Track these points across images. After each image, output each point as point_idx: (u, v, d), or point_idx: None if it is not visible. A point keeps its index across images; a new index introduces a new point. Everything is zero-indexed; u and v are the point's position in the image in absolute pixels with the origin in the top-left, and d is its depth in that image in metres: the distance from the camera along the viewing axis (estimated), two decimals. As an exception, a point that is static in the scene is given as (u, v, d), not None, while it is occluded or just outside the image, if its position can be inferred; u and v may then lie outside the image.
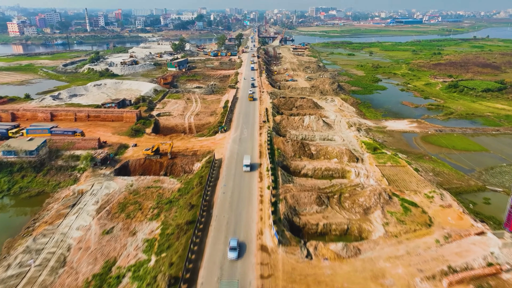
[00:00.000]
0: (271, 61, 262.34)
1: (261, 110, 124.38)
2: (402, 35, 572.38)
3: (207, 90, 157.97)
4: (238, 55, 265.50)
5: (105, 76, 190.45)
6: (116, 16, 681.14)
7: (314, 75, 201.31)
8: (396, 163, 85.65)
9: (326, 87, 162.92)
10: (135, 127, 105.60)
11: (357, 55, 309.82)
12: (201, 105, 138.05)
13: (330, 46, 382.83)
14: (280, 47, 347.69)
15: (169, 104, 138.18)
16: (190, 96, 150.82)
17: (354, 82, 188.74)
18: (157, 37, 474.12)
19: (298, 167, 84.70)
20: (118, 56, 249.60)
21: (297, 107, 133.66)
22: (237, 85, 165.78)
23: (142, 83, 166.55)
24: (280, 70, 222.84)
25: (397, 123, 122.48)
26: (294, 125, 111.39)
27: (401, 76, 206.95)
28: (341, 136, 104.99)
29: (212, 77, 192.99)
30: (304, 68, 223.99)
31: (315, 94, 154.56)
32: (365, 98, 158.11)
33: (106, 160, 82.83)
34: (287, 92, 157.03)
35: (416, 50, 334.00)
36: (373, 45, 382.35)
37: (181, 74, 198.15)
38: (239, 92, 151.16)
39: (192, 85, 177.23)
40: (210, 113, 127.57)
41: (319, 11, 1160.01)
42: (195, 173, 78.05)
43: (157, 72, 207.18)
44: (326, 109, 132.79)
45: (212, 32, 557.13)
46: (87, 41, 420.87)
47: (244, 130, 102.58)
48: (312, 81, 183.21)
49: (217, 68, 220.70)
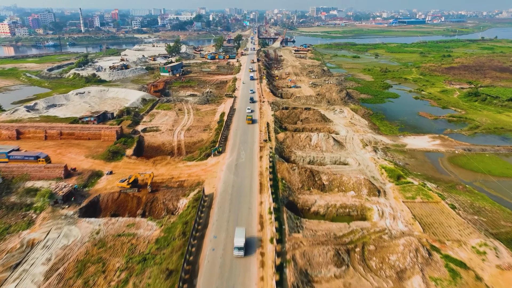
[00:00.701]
0: (271, 65, 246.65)
1: (262, 124, 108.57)
2: (406, 35, 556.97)
3: (202, 99, 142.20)
4: (237, 58, 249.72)
5: (92, 82, 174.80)
6: (112, 16, 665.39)
7: (318, 81, 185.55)
8: (427, 198, 69.91)
9: (333, 96, 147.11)
10: (113, 148, 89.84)
11: (362, 57, 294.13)
12: (194, 117, 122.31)
13: (333, 47, 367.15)
14: (281, 49, 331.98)
15: (157, 117, 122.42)
16: (182, 107, 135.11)
17: (362, 89, 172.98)
18: (154, 38, 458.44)
19: (307, 203, 69.03)
20: (108, 60, 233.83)
21: (302, 120, 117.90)
22: (235, 93, 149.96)
23: (129, 91, 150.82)
24: (281, 74, 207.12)
25: (418, 139, 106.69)
26: (300, 144, 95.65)
27: (413, 82, 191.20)
28: (355, 158, 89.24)
29: (208, 83, 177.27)
30: (307, 72, 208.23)
31: (322, 104, 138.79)
32: (376, 108, 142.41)
33: (70, 196, 67.13)
34: (291, 101, 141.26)
35: (424, 52, 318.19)
36: (378, 47, 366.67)
37: (174, 79, 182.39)
38: (236, 102, 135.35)
39: (185, 93, 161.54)
40: (203, 127, 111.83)
41: (319, 11, 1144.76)
42: (179, 215, 62.34)
43: (149, 77, 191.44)
44: (335, 123, 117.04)
45: (210, 32, 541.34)
46: (80, 43, 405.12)
47: (241, 152, 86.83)
48: (317, 88, 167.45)
49: (214, 72, 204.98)
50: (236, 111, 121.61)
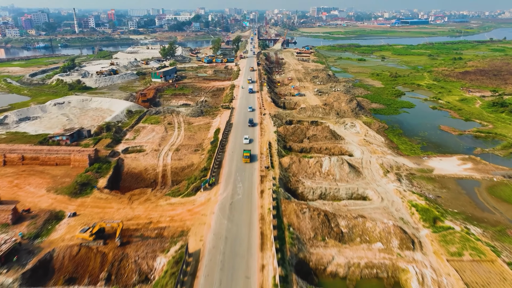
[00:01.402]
0: (273, 68, 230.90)
1: (262, 144, 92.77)
2: (410, 36, 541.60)
3: (195, 111, 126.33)
4: (236, 61, 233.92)
5: (76, 89, 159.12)
6: (109, 16, 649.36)
7: (324, 87, 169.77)
8: (477, 253, 54.15)
9: (342, 106, 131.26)
10: (83, 178, 74.03)
11: (368, 60, 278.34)
12: (185, 133, 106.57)
13: (337, 49, 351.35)
14: (283, 51, 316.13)
15: (143, 133, 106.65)
16: (173, 119, 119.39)
17: (373, 97, 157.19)
18: (150, 39, 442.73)
19: (322, 260, 53.29)
20: (97, 63, 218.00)
21: (309, 138, 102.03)
22: (233, 103, 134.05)
23: (115, 101, 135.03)
24: (284, 80, 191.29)
25: (445, 162, 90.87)
26: (309, 171, 79.86)
27: (427, 89, 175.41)
28: (376, 190, 73.50)
29: (203, 91, 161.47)
30: (311, 78, 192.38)
31: (330, 116, 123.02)
32: (391, 120, 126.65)
33: (12, 255, 51.40)
34: (295, 113, 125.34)
35: (433, 54, 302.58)
36: (384, 49, 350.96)
37: (166, 86, 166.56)
38: (234, 115, 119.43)
39: (178, 102, 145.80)
40: (195, 147, 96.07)
41: (320, 11, 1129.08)
42: (154, 285, 46.52)
43: (139, 83, 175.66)
44: (348, 140, 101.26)
45: (209, 33, 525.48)
46: (73, 44, 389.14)
47: (238, 184, 70.95)
48: (324, 97, 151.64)
49: (211, 78, 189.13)
50: (233, 128, 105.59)
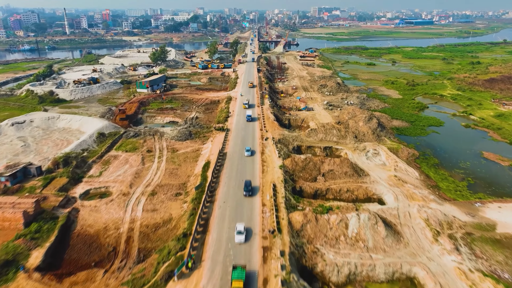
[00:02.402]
0: (274, 75, 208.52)
1: (265, 188, 70.21)
2: (417, 37, 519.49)
3: (182, 133, 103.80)
4: (234, 67, 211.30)
5: (47, 102, 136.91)
6: (103, 16, 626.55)
7: (335, 100, 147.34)
8: None
9: (360, 126, 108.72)
10: (8, 250, 51.63)
11: (378, 64, 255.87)
12: (166, 166, 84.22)
13: (342, 52, 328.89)
14: (285, 55, 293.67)
15: (114, 165, 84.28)
16: (154, 145, 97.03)
17: (392, 112, 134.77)
18: (144, 40, 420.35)
19: None
20: (79, 70, 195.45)
21: (324, 175, 79.52)
22: (228, 122, 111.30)
23: (86, 120, 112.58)
24: (287, 89, 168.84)
25: (507, 211, 68.47)
26: (330, 234, 57.45)
27: (452, 100, 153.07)
28: (430, 270, 51.14)
29: (194, 104, 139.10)
30: (319, 87, 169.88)
31: (347, 140, 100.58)
32: (420, 143, 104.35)
33: None
34: (303, 136, 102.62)
35: (447, 58, 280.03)
36: (392, 51, 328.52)
37: (153, 98, 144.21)
38: (228, 140, 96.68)
39: (163, 119, 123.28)
40: (176, 189, 73.72)
41: (322, 11, 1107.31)
42: None
43: (123, 94, 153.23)
44: (374, 177, 78.89)
45: (207, 34, 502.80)
46: (62, 46, 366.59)
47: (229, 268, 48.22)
48: (335, 112, 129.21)
49: (204, 87, 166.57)
50: (227, 160, 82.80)
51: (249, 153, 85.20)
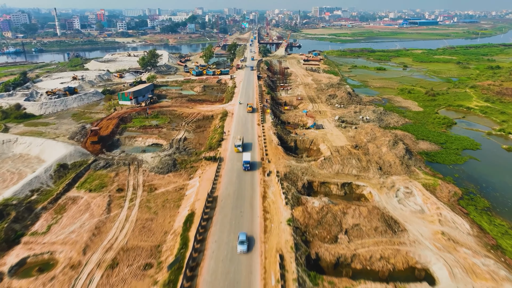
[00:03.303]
0: (276, 82, 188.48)
1: (269, 262, 49.99)
2: (423, 38, 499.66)
3: (165, 162, 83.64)
4: (231, 73, 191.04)
5: (11, 118, 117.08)
6: (98, 17, 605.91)
7: (347, 114, 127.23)
8: None
9: (384, 154, 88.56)
10: None
11: (388, 69, 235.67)
12: (138, 215, 64.20)
13: (348, 55, 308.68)
14: (287, 58, 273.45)
15: (69, 215, 64.26)
16: (127, 181, 77.03)
17: (416, 130, 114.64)
18: (139, 42, 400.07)
19: None
20: (58, 77, 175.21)
21: (347, 232, 59.28)
22: (221, 148, 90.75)
23: (49, 145, 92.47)
24: (292, 100, 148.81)
25: None
26: None
27: (482, 114, 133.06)
28: None
29: (184, 120, 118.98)
30: (327, 97, 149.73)
31: (370, 173, 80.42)
32: (458, 174, 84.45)
33: None
34: (315, 168, 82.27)
35: (461, 61, 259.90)
36: (401, 54, 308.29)
37: (136, 113, 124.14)
38: (221, 176, 76.19)
39: (145, 141, 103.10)
40: (147, 256, 53.69)
41: (323, 11, 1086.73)
42: None
43: (102, 108, 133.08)
44: (413, 234, 58.80)
45: (204, 35, 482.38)
46: (50, 48, 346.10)
47: None
48: (350, 130, 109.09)
49: (197, 98, 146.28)
50: (218, 211, 62.30)
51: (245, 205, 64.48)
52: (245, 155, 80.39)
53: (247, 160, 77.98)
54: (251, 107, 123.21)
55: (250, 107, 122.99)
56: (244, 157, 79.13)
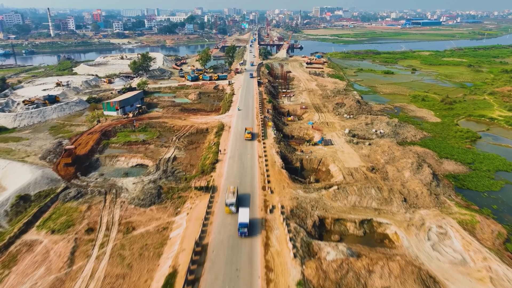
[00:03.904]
0: (278, 87, 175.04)
1: None
2: (428, 39, 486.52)
3: (148, 192, 70.10)
4: (229, 78, 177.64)
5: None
6: (94, 17, 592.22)
7: (358, 125, 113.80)
8: None
9: (407, 179, 75.06)
10: None
11: (396, 73, 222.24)
12: (108, 270, 50.79)
13: (352, 57, 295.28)
14: (289, 60, 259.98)
15: (18, 270, 50.92)
16: (100, 217, 63.60)
17: (437, 145, 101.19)
18: (135, 43, 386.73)
19: None
20: (42, 83, 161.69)
21: (375, 298, 45.85)
22: (215, 173, 77.04)
23: (14, 168, 79.00)
24: (295, 109, 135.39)
25: None
26: None
27: (509, 126, 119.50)
28: None
29: (175, 134, 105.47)
30: (334, 106, 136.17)
31: (393, 207, 66.88)
32: (496, 204, 70.94)
33: None
34: (327, 199, 68.75)
35: (473, 64, 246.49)
36: (408, 56, 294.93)
37: (122, 125, 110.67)
38: (214, 213, 62.63)
39: (128, 161, 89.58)
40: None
41: (324, 11, 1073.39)
42: None
43: (84, 119, 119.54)
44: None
45: (203, 36, 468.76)
46: (42, 50, 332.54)
47: None
48: (363, 147, 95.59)
49: (191, 108, 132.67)
50: (207, 269, 48.71)
51: None
52: (241, 214, 55.83)
53: (244, 222, 54.28)
54: (250, 133, 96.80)
55: (249, 133, 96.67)
56: (240, 216, 55.35)
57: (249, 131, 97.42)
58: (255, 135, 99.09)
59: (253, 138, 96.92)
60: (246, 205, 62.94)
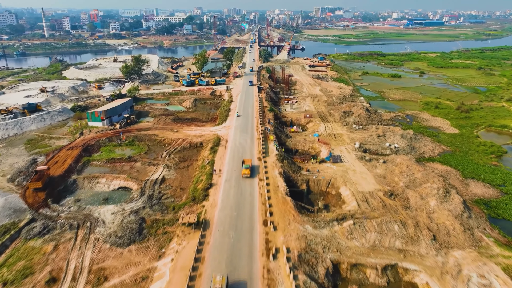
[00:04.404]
0: (279, 93, 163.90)
1: None
2: (432, 40, 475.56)
3: (127, 227, 58.93)
4: (228, 83, 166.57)
5: None
6: (91, 17, 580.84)
7: (369, 138, 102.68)
8: None
9: (434, 210, 63.82)
10: None
11: (403, 76, 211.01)
12: None
13: (356, 59, 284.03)
14: (290, 63, 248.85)
15: None
16: (67, 261, 52.37)
17: (460, 163, 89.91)
18: (131, 44, 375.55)
19: None
20: (25, 89, 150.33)
21: None
22: (208, 202, 65.70)
23: (-28, 195, 67.77)
24: (299, 118, 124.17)
25: None
26: None
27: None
28: None
29: (166, 149, 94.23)
30: (341, 114, 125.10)
31: (421, 247, 55.57)
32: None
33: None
34: (340, 235, 57.47)
35: (483, 67, 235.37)
36: (414, 58, 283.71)
37: (107, 138, 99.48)
38: (205, 258, 51.30)
39: (109, 184, 78.36)
40: None
41: (324, 11, 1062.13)
42: None
43: (66, 131, 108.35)
44: None
45: (202, 37, 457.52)
46: (34, 51, 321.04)
47: None
48: (377, 166, 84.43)
49: (185, 117, 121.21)
50: None
51: None
52: None
53: None
54: (248, 168, 73.62)
55: (248, 168, 73.52)
56: None
57: (247, 166, 74.33)
58: (255, 170, 76.51)
59: (252, 174, 73.99)
60: (242, 251, 51.62)
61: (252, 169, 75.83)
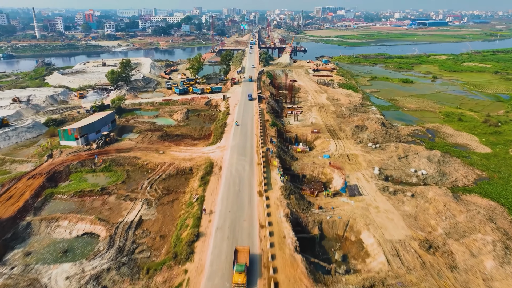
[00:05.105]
0: (282, 102, 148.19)
1: None
2: (438, 41, 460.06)
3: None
4: (224, 91, 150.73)
5: None
6: (86, 17, 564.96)
7: (388, 161, 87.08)
8: None
9: (490, 274, 48.22)
10: None
11: (415, 81, 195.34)
12: None
13: (362, 61, 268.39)
14: (293, 66, 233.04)
15: None
16: None
17: (502, 194, 74.27)
18: (125, 46, 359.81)
19: None
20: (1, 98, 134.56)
21: None
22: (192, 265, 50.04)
23: None
24: (305, 134, 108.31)
25: None
26: None
27: None
28: None
29: (147, 176, 78.49)
30: (353, 129, 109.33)
31: None
32: None
33: None
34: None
35: (499, 71, 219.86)
36: (423, 61, 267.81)
37: (80, 162, 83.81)
38: None
39: (72, 228, 62.57)
40: None
41: (325, 12, 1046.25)
42: None
43: (33, 152, 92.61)
44: None
45: (200, 38, 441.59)
46: (23, 54, 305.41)
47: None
48: (405, 201, 68.83)
49: (174, 133, 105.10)
50: None
51: None
52: None
53: None
54: (242, 271, 43.91)
55: (242, 270, 43.95)
56: None
57: (241, 267, 44.06)
58: (255, 266, 47.76)
59: (250, 281, 44.62)
60: None
61: (251, 261, 47.47)
